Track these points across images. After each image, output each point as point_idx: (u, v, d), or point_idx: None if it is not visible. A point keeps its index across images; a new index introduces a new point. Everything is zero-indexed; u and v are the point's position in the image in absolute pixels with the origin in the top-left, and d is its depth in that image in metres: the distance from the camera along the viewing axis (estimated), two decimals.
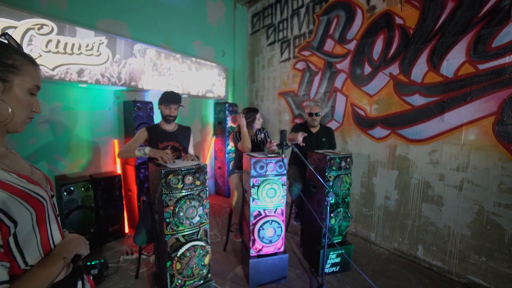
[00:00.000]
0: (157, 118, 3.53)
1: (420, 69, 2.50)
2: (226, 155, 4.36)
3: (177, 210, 1.54)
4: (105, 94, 3.03)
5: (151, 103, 3.22)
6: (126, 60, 3.01)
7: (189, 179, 1.58)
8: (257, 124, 2.56)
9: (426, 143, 2.49)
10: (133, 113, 3.01)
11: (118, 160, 3.14)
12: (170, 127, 2.17)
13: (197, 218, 1.64)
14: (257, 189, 2.01)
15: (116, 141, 3.14)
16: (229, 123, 4.31)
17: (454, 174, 2.30)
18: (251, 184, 2.02)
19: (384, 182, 2.88)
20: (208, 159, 4.52)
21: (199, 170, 1.64)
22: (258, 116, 2.56)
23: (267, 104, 4.57)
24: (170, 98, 2.05)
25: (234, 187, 2.39)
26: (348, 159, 2.27)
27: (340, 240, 2.37)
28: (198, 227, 1.68)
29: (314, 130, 2.84)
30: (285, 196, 2.13)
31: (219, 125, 4.42)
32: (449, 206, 2.35)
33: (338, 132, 3.33)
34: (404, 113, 2.65)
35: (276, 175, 2.05)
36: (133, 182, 3.01)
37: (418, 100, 2.53)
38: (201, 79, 4.07)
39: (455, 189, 2.30)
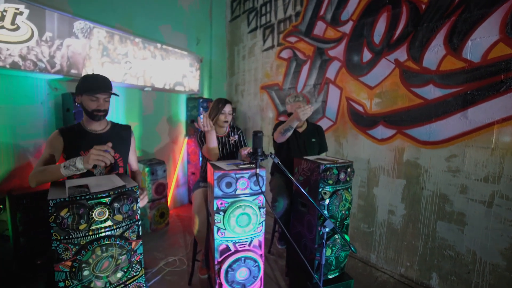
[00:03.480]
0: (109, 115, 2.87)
1: (435, 53, 1.98)
2: (201, 159, 3.73)
3: (77, 267, 0.92)
4: (34, 83, 2.33)
5: None
6: (62, 41, 2.32)
7: (101, 213, 0.96)
8: (222, 118, 1.94)
9: (442, 146, 1.98)
10: (73, 109, 2.34)
11: None
12: (98, 127, 1.51)
13: (119, 274, 1.03)
14: (223, 216, 1.41)
15: None
16: None
17: (481, 186, 1.79)
18: (215, 208, 1.42)
19: (387, 193, 2.36)
20: (180, 164, 3.88)
21: (122, 197, 1.02)
22: (227, 109, 1.94)
23: (248, 100, 3.97)
24: (95, 84, 1.41)
25: (195, 211, 1.77)
26: (349, 169, 1.71)
27: (337, 274, 1.82)
28: (123, 285, 1.06)
29: (300, 130, 2.28)
30: (264, 223, 1.54)
31: (192, 124, 3.78)
32: (474, 226, 1.84)
33: (330, 132, 2.79)
34: (413, 109, 2.13)
35: (251, 195, 1.46)
36: None
37: (432, 92, 2.01)
38: (168, 70, 3.42)
39: (482, 205, 1.79)
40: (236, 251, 1.48)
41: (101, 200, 0.97)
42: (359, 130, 2.54)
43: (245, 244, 1.51)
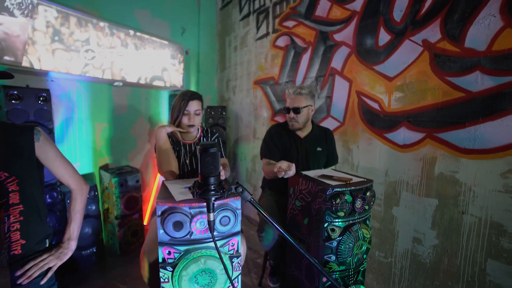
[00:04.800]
0: (60, 115, 2.36)
1: (485, 28, 1.44)
2: None
3: None
4: None
5: (46, 91, 2.04)
6: None
7: None
8: (185, 121, 1.40)
9: (495, 156, 1.43)
10: (6, 106, 1.82)
11: None
12: None
13: None
14: (172, 273, 0.88)
15: None
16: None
17: None
18: (161, 259, 0.89)
19: (412, 216, 1.81)
20: None
21: None
22: (192, 108, 1.40)
23: (240, 97, 3.44)
24: None
25: (145, 250, 1.22)
26: (368, 193, 1.16)
27: None
28: None
29: (302, 134, 1.74)
30: (239, 277, 1.00)
31: None
32: None
33: (337, 135, 2.24)
34: (450, 105, 1.58)
35: (219, 239, 0.92)
36: None
37: (478, 81, 1.47)
38: (144, 61, 2.89)
39: None
40: None
41: None
42: (374, 133, 1.99)
43: None
